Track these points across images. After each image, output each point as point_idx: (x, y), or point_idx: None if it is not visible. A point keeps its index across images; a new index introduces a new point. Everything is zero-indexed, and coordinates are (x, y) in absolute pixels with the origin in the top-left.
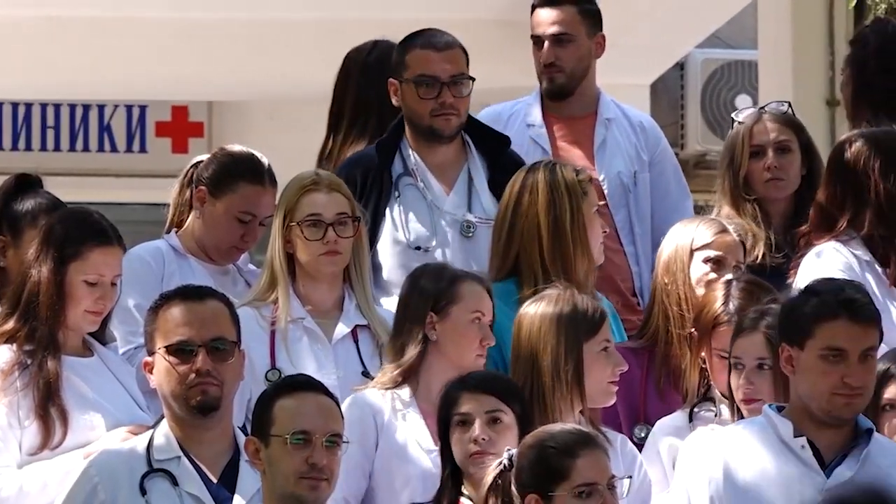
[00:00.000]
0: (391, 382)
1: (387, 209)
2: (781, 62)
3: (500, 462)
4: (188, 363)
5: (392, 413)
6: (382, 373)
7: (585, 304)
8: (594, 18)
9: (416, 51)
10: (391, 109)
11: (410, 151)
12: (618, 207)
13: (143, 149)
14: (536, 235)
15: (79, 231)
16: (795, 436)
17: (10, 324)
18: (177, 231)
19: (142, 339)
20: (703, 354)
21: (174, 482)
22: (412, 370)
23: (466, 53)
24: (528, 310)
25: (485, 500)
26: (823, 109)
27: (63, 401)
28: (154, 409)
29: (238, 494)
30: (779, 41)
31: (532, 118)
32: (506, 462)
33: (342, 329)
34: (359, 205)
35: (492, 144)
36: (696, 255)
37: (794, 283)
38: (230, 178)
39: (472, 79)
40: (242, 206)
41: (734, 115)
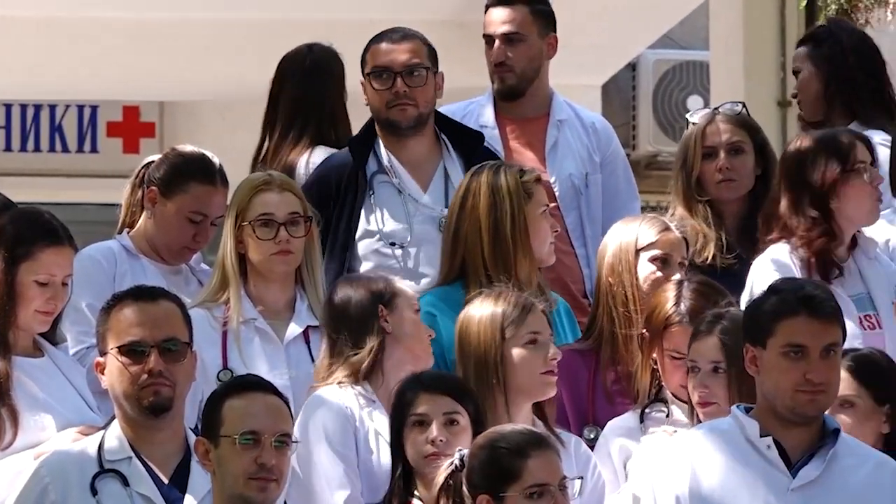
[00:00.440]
0: (351, 379)
1: (362, 208)
2: (733, 63)
3: (452, 462)
4: (140, 363)
5: (359, 410)
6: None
7: (508, 300)
8: (546, 19)
9: (373, 45)
10: (329, 112)
11: (383, 150)
12: (569, 209)
13: (95, 149)
14: (479, 238)
15: (30, 231)
16: (762, 436)
17: None
18: (129, 231)
19: (94, 340)
20: (655, 355)
21: (125, 482)
22: (376, 364)
23: (430, 47)
24: (464, 313)
25: (436, 501)
26: (775, 110)
27: (13, 401)
28: (105, 410)
29: (189, 495)
30: (730, 42)
31: (485, 119)
32: (457, 462)
33: (294, 329)
34: (312, 207)
35: (467, 142)
36: (642, 255)
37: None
38: (181, 179)
39: (432, 70)
40: (194, 207)
41: (688, 116)
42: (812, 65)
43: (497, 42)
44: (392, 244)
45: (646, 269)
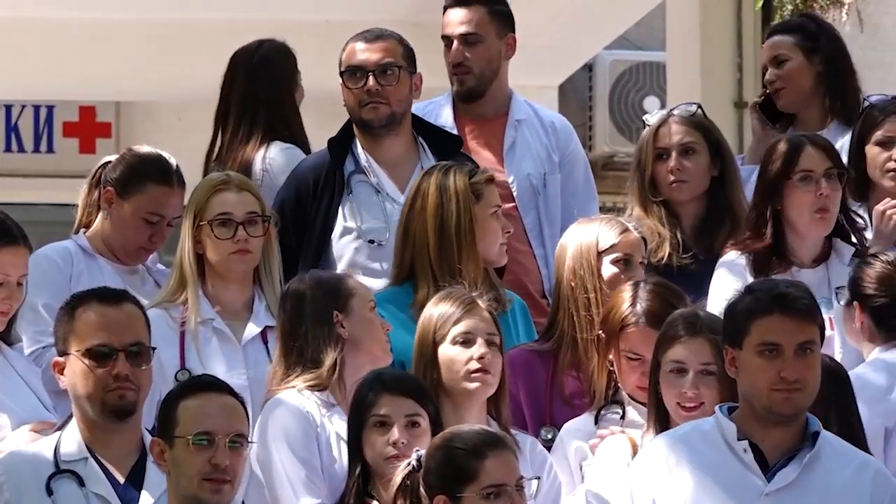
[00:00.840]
0: (311, 386)
1: (339, 207)
2: (689, 64)
3: (409, 463)
4: (106, 367)
5: (319, 414)
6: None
7: (449, 300)
8: (505, 19)
9: (349, 45)
10: (279, 109)
11: (360, 149)
12: (527, 210)
13: (51, 149)
14: (426, 238)
15: None
16: (740, 438)
17: None
18: (85, 231)
19: (50, 339)
20: (611, 356)
21: (81, 483)
22: (337, 372)
23: (407, 47)
24: (425, 311)
25: (393, 501)
26: (731, 111)
27: None
28: (61, 411)
29: (146, 491)
30: (687, 43)
31: (443, 120)
32: (414, 463)
33: (252, 330)
34: (270, 207)
35: (444, 146)
36: (604, 258)
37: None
38: (138, 179)
39: (408, 70)
40: (150, 207)
41: (645, 118)
42: (805, 57)
43: (455, 43)
44: (371, 241)
45: (609, 272)
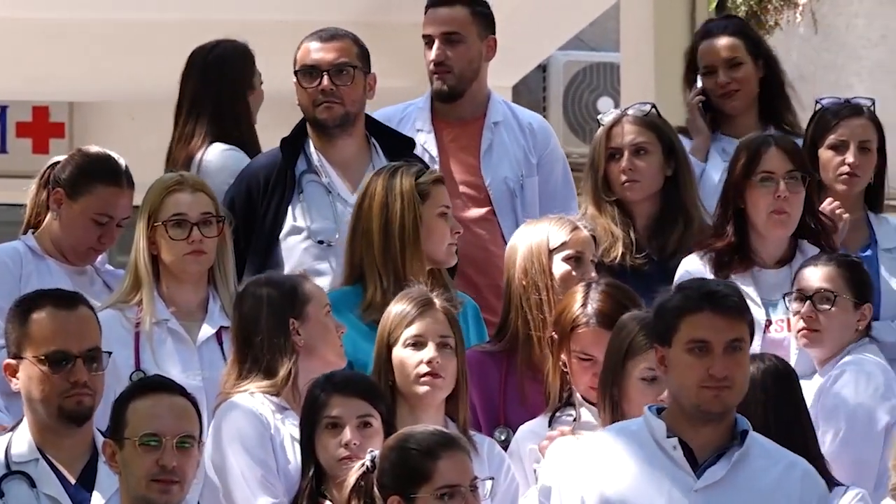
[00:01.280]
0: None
1: (289, 207)
2: (643, 64)
3: (363, 464)
4: (63, 372)
5: (273, 417)
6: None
7: (405, 301)
8: (486, 21)
9: (304, 44)
10: (230, 109)
11: (313, 149)
12: (504, 213)
13: (4, 149)
14: (371, 239)
15: None
16: (669, 436)
17: None
18: (34, 232)
19: (1, 340)
20: (564, 357)
21: (32, 484)
22: (291, 380)
23: (362, 48)
24: (388, 310)
25: (347, 502)
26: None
27: None
28: (14, 412)
29: (97, 492)
30: (641, 43)
31: (421, 123)
32: (368, 464)
33: (207, 331)
34: (223, 207)
35: (397, 146)
36: (555, 257)
37: None
38: (86, 180)
39: (362, 70)
40: (99, 208)
41: (599, 118)
42: (752, 61)
43: (436, 42)
44: (320, 242)
45: (560, 270)
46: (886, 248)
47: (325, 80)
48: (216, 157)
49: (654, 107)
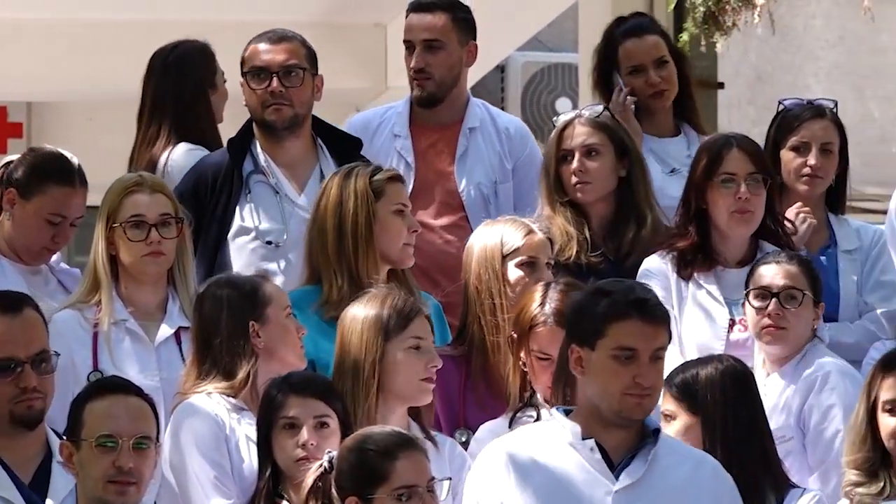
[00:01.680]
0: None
1: (237, 207)
2: None
3: (321, 464)
4: (11, 378)
5: (229, 417)
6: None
7: (394, 303)
8: (467, 27)
9: (252, 46)
10: (192, 109)
11: (259, 150)
12: (477, 218)
13: None
14: (326, 238)
15: None
16: (584, 438)
17: None
18: None
19: None
20: (523, 356)
21: None
22: (250, 382)
23: (309, 49)
24: (348, 311)
25: (304, 503)
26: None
27: None
28: None
29: (50, 497)
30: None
31: (399, 128)
32: (326, 464)
33: (166, 331)
34: (189, 203)
35: (344, 147)
36: (509, 262)
37: None
38: (39, 180)
39: (310, 72)
40: (52, 208)
41: (555, 119)
42: (672, 59)
43: (417, 48)
44: (268, 242)
45: (514, 275)
46: (846, 250)
47: (275, 82)
48: (181, 157)
49: (607, 108)
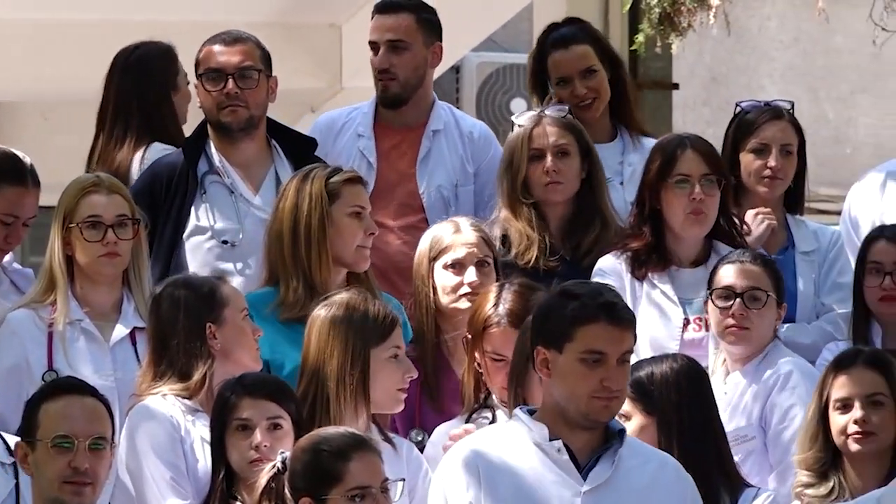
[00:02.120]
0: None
1: (192, 207)
2: None
3: (274, 465)
4: None
5: (184, 419)
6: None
7: (376, 310)
8: (432, 28)
9: (206, 47)
10: (156, 110)
11: (214, 151)
12: (436, 220)
13: None
14: (282, 240)
15: None
16: (551, 439)
17: None
18: None
19: None
20: (478, 357)
21: None
22: (206, 385)
23: (264, 51)
24: (320, 312)
25: None
26: None
27: None
28: None
29: None
30: None
31: (363, 129)
32: (279, 465)
33: (121, 331)
34: (145, 204)
35: (299, 147)
36: (436, 265)
37: None
38: None
39: (265, 73)
40: (4, 208)
41: (514, 118)
42: (602, 66)
43: (382, 49)
44: (224, 242)
45: (442, 279)
46: (804, 251)
47: (231, 84)
48: (158, 157)
49: (571, 110)
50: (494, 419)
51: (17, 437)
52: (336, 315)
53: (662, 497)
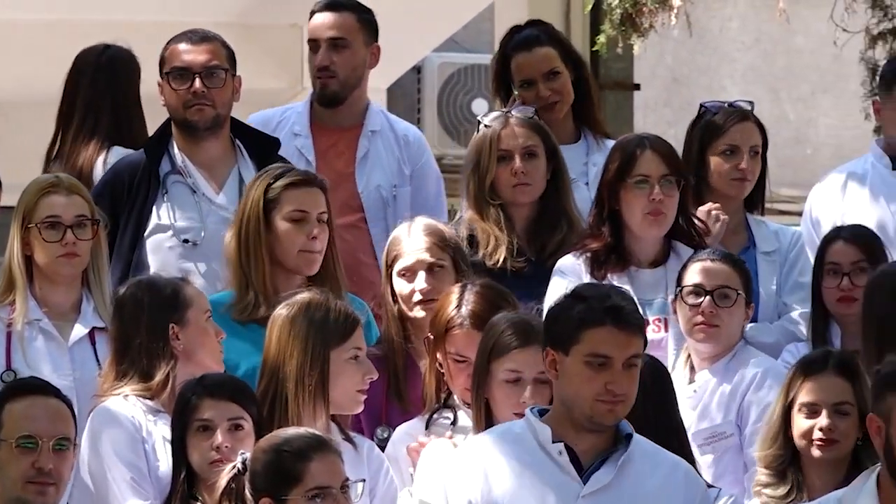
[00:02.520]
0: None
1: (154, 206)
2: None
3: (234, 466)
4: None
5: (145, 420)
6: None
7: (337, 311)
8: (372, 28)
9: (172, 46)
10: (125, 113)
11: (177, 150)
12: (375, 221)
13: None
14: (232, 245)
15: None
16: (554, 441)
17: None
18: None
19: None
20: (440, 357)
21: None
22: (169, 386)
23: (229, 50)
24: (281, 312)
25: None
26: None
27: None
28: None
29: None
30: None
31: (299, 128)
32: (239, 466)
33: (80, 331)
34: (99, 209)
35: (262, 147)
36: (393, 272)
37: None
38: None
39: (231, 72)
40: None
41: (480, 119)
42: (566, 68)
43: (322, 47)
44: (185, 241)
45: (398, 286)
46: (765, 252)
47: (197, 83)
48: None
49: (537, 111)
50: (456, 419)
51: None
52: (296, 315)
53: (668, 503)
